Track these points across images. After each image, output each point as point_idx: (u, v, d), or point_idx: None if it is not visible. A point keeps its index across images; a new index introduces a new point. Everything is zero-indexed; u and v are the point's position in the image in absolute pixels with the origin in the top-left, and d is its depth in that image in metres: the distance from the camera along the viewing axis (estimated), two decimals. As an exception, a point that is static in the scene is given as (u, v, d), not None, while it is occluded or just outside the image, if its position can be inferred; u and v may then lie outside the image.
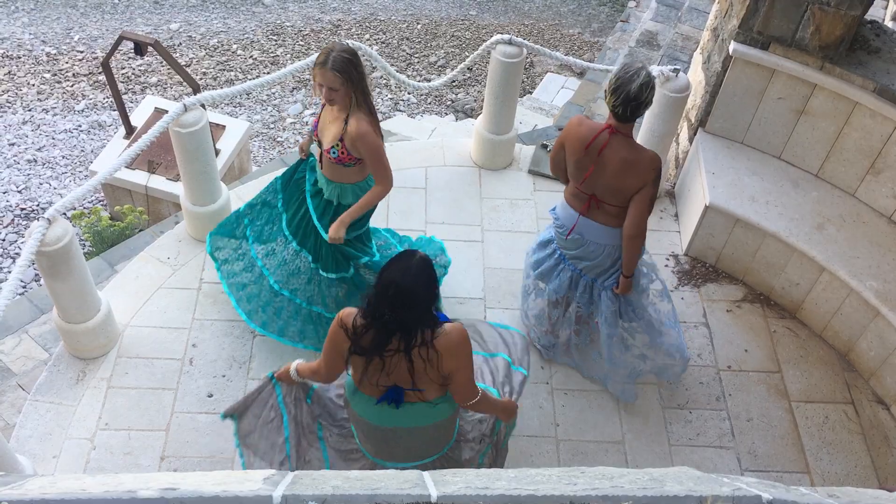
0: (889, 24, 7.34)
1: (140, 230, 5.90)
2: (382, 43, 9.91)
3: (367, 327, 2.95)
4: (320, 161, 4.12)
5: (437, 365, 2.97)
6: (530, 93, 8.60)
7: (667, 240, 5.42)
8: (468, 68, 9.07)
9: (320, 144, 4.04)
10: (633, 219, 3.90)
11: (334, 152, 3.93)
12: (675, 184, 5.71)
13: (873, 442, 4.54)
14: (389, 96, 9.05)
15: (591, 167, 3.86)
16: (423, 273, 2.92)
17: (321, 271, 4.34)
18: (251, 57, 9.56)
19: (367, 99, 3.87)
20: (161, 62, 8.92)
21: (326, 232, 4.14)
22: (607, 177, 3.86)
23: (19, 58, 9.25)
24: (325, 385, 3.52)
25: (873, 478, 4.41)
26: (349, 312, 3.05)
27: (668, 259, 5.31)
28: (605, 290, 4.26)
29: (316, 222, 4.22)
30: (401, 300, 2.86)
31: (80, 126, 8.32)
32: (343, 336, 3.02)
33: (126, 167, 6.34)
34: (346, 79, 3.72)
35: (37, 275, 6.45)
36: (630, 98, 3.67)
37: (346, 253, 4.28)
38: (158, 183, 6.38)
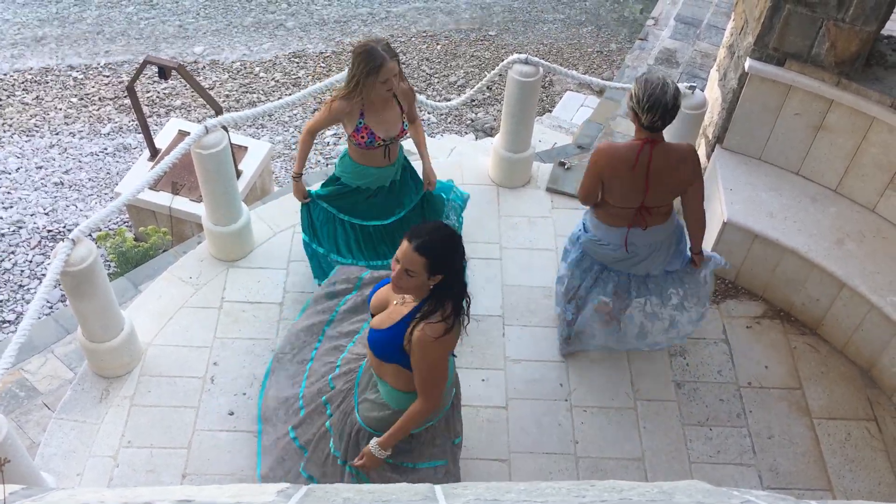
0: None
1: (164, 251, 5.99)
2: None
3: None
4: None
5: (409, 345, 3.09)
6: (550, 111, 8.64)
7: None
8: (487, 87, 9.14)
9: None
10: (699, 205, 4.18)
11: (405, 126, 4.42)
12: (693, 200, 5.71)
13: (897, 459, 4.50)
14: (409, 116, 9.12)
15: (646, 183, 3.97)
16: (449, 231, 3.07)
17: None
18: (273, 79, 9.69)
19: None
20: (185, 85, 9.07)
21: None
22: (662, 184, 3.99)
23: (47, 83, 9.44)
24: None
25: (897, 495, 4.36)
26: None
27: (686, 276, 5.31)
28: (668, 273, 4.41)
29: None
30: (451, 263, 3.03)
31: (105, 149, 8.47)
32: None
33: (150, 189, 6.45)
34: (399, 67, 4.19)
35: (63, 295, 6.55)
36: (668, 109, 3.76)
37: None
38: (182, 204, 6.48)
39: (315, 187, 4.78)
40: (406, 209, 4.72)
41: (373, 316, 3.30)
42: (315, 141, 8.32)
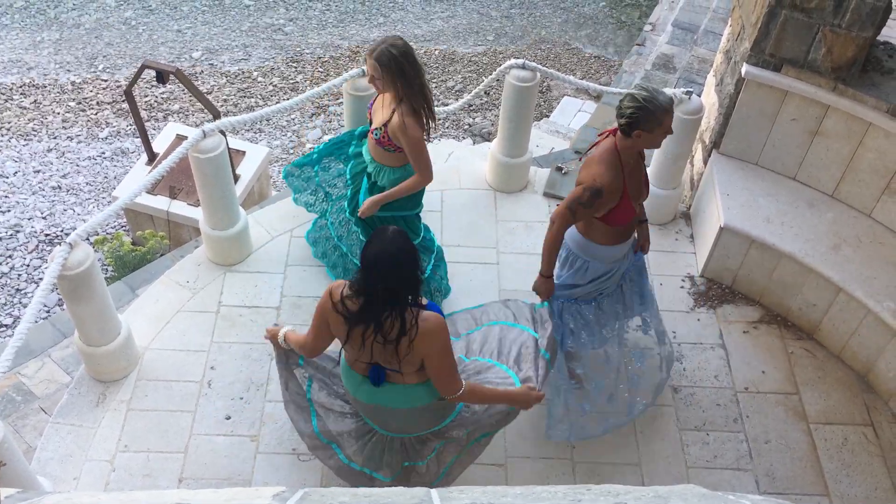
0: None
1: (161, 255, 5.99)
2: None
3: (356, 296, 3.13)
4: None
5: (412, 346, 3.12)
6: (547, 116, 8.66)
7: (682, 261, 5.43)
8: (485, 93, 9.15)
9: (370, 123, 4.38)
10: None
11: (377, 134, 4.29)
12: (690, 205, 5.73)
13: (893, 464, 4.50)
14: (407, 121, 9.13)
15: (644, 178, 4.02)
16: (401, 239, 3.09)
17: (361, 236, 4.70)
18: (271, 84, 9.70)
19: (413, 95, 4.10)
20: (183, 90, 9.07)
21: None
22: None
23: (45, 87, 9.44)
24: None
25: (894, 500, 4.36)
26: (338, 284, 3.23)
27: (683, 280, 5.32)
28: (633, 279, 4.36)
29: (361, 195, 4.58)
30: (388, 265, 3.03)
31: (103, 153, 8.47)
32: (330, 306, 3.19)
33: (148, 193, 6.45)
34: (386, 70, 4.05)
35: (60, 299, 6.55)
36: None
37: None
38: (179, 208, 6.48)
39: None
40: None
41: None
42: (311, 145, 8.32)
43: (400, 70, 4.05)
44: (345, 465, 3.82)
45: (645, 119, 3.64)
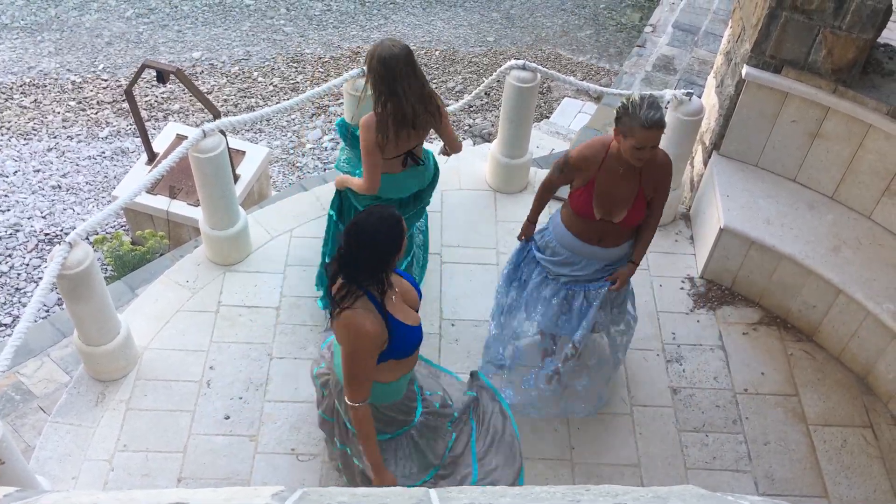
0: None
1: (161, 254, 5.99)
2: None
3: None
4: None
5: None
6: (547, 117, 8.66)
7: (682, 262, 5.43)
8: (485, 93, 9.15)
9: None
10: None
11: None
12: (689, 207, 5.73)
13: (893, 466, 4.50)
14: (407, 122, 9.13)
15: (635, 205, 3.98)
16: (382, 225, 2.97)
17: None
18: (272, 84, 9.70)
19: (386, 100, 3.99)
20: (183, 90, 9.07)
21: None
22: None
23: (45, 86, 9.44)
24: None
25: (893, 502, 4.36)
26: None
27: (683, 282, 5.31)
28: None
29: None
30: (356, 240, 2.96)
31: (103, 153, 8.47)
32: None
33: (148, 192, 6.45)
34: (368, 68, 4.00)
35: (59, 299, 6.54)
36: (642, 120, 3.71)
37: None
38: (179, 208, 6.48)
39: None
40: None
41: (414, 327, 3.21)
42: (311, 146, 8.31)
43: (378, 72, 3.97)
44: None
45: (620, 122, 3.62)
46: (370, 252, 2.97)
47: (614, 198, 3.85)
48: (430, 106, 4.13)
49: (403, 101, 3.99)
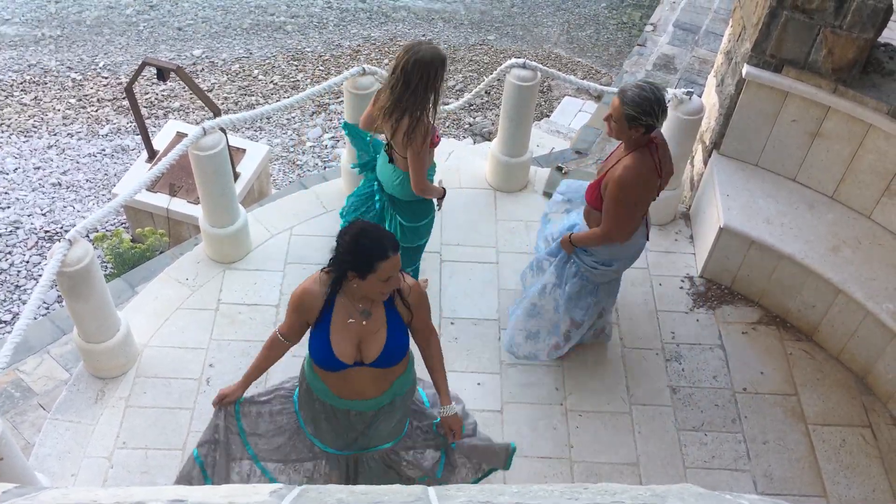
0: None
1: (160, 252, 5.99)
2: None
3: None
4: None
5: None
6: (548, 116, 8.65)
7: (682, 262, 5.43)
8: (486, 92, 9.15)
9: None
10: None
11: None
12: (689, 206, 5.73)
13: (892, 465, 4.50)
14: (408, 120, 9.13)
15: (660, 181, 4.03)
16: (352, 230, 3.04)
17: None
18: (272, 82, 9.69)
19: (418, 103, 4.01)
20: (183, 87, 9.07)
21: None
22: (666, 173, 4.06)
23: (45, 83, 9.44)
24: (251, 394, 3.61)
25: (892, 502, 4.36)
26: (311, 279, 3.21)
27: (683, 281, 5.32)
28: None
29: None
30: (350, 231, 3.06)
31: (103, 150, 8.47)
32: (312, 297, 3.16)
33: (148, 190, 6.45)
34: (401, 72, 3.97)
35: (59, 296, 6.55)
36: (665, 106, 3.77)
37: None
38: (179, 206, 6.48)
39: None
40: None
41: (347, 364, 3.21)
42: (311, 144, 8.31)
43: (414, 78, 3.98)
44: None
45: None
46: (346, 246, 3.02)
47: (604, 166, 4.07)
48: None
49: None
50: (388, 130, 4.15)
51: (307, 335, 3.30)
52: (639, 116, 3.73)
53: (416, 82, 3.97)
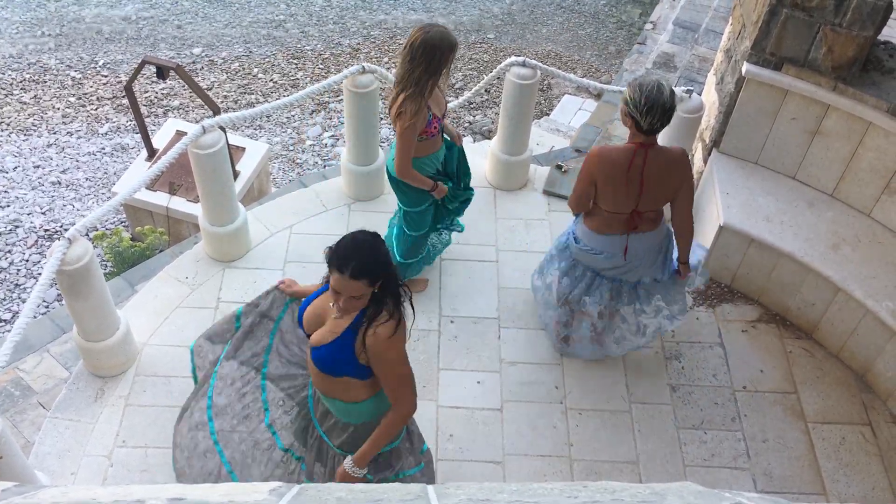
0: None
1: (160, 251, 5.99)
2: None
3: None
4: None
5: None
6: (548, 114, 8.65)
7: (682, 260, 5.42)
8: (486, 90, 9.14)
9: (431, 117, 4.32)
10: (688, 211, 4.13)
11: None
12: (690, 204, 5.72)
13: (891, 464, 4.50)
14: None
15: (640, 187, 3.97)
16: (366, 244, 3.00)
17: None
18: (272, 80, 9.69)
19: (416, 82, 4.05)
20: (183, 86, 9.07)
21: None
22: (655, 188, 4.00)
23: (45, 82, 9.44)
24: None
25: (891, 499, 4.37)
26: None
27: (683, 279, 5.31)
28: (654, 280, 4.39)
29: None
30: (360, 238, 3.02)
31: (103, 149, 8.47)
32: None
33: (147, 189, 6.45)
34: (409, 48, 4.03)
35: (59, 294, 6.55)
36: (666, 110, 3.78)
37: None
38: (179, 204, 6.48)
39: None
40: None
41: (308, 335, 3.24)
42: (311, 142, 8.29)
43: (416, 56, 4.04)
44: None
45: None
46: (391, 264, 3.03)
47: None
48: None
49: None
50: (390, 103, 4.21)
51: None
52: (628, 102, 3.80)
53: (419, 61, 4.01)
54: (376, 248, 2.96)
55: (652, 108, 3.74)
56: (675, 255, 4.35)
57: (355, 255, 2.88)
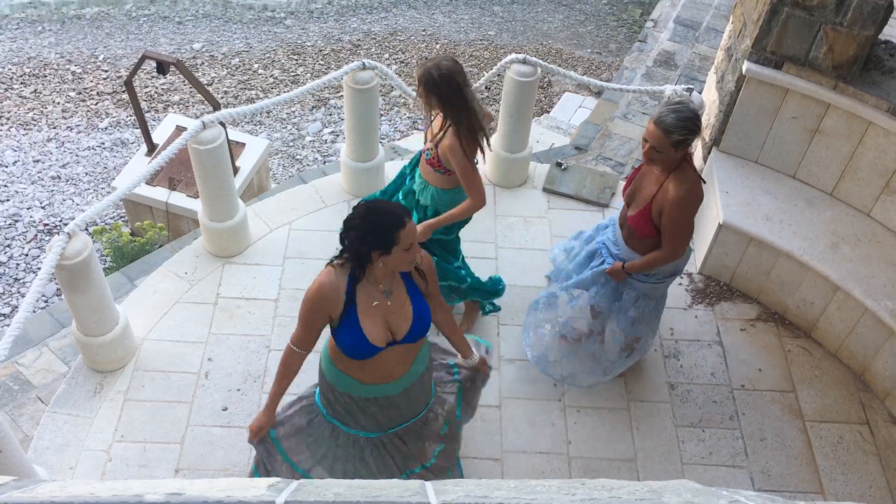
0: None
1: (160, 246, 5.99)
2: (401, 62, 10.01)
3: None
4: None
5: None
6: (548, 112, 8.65)
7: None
8: (486, 87, 9.14)
9: (425, 142, 4.27)
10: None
11: (428, 154, 4.19)
12: (689, 202, 5.72)
13: (888, 463, 4.51)
14: (407, 115, 9.14)
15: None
16: (393, 213, 3.01)
17: None
18: (272, 76, 9.69)
19: (463, 116, 3.95)
20: (183, 81, 9.06)
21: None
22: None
23: (45, 76, 9.43)
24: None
25: (888, 499, 4.37)
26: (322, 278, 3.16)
27: (682, 277, 5.31)
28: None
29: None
30: (362, 213, 3.02)
31: (103, 143, 8.46)
32: (331, 296, 3.12)
33: (147, 184, 6.45)
34: (428, 92, 3.92)
35: (58, 289, 6.55)
36: (700, 122, 3.73)
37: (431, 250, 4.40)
38: (179, 199, 6.47)
39: None
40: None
41: (379, 348, 3.21)
42: (311, 138, 8.28)
43: (444, 91, 3.90)
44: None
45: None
46: (361, 229, 2.99)
47: (638, 190, 3.99)
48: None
49: (475, 117, 3.99)
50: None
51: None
52: (687, 137, 3.67)
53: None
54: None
55: (698, 117, 3.70)
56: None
57: (391, 205, 3.05)
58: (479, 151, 4.08)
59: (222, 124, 4.82)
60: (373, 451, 3.52)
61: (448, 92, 3.90)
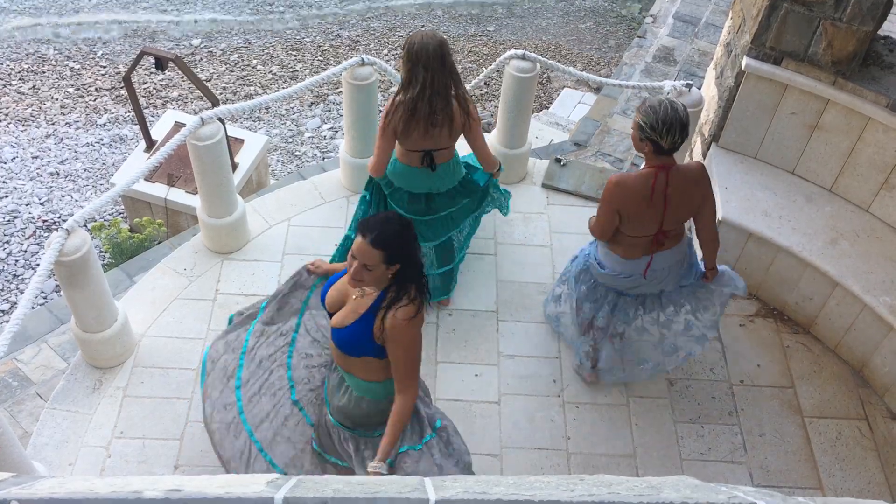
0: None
1: (158, 242, 5.99)
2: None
3: None
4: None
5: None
6: (547, 108, 8.65)
7: (680, 254, 5.42)
8: (485, 83, 9.13)
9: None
10: (712, 223, 4.07)
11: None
12: (688, 198, 5.72)
13: (887, 458, 4.51)
14: (406, 111, 9.12)
15: (664, 209, 3.90)
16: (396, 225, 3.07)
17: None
18: (271, 72, 9.68)
19: (405, 89, 4.10)
20: (182, 77, 9.05)
21: None
22: (678, 207, 3.92)
23: (44, 72, 9.42)
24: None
25: (887, 494, 4.38)
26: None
27: (681, 273, 5.31)
28: (681, 288, 4.34)
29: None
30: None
31: (101, 140, 8.45)
32: None
33: (146, 180, 6.45)
34: (403, 54, 4.16)
35: (57, 285, 6.55)
36: (684, 125, 3.70)
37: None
38: (177, 196, 6.47)
39: None
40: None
41: (330, 314, 3.29)
42: (310, 134, 8.28)
43: (405, 63, 4.14)
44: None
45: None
46: (415, 252, 3.11)
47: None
48: (448, 108, 4.12)
49: (419, 94, 4.02)
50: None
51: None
52: (644, 127, 3.68)
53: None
54: (404, 230, 3.04)
55: (671, 127, 3.67)
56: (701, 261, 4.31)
57: (382, 227, 2.98)
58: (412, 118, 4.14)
59: (221, 120, 4.81)
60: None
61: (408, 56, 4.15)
